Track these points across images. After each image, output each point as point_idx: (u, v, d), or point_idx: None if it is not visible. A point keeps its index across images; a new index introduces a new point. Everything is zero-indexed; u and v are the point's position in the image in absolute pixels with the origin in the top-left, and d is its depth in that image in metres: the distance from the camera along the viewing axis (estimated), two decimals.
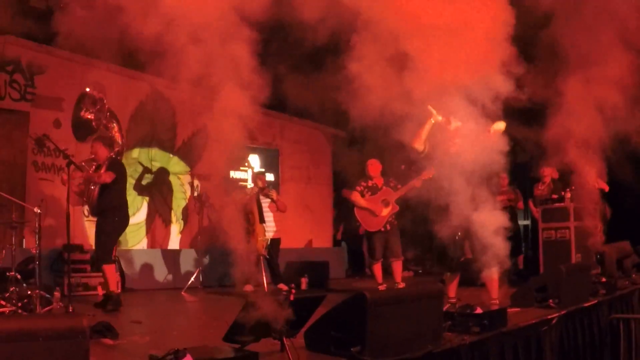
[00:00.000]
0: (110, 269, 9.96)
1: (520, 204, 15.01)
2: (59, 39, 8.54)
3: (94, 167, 10.12)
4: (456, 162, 8.69)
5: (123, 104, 13.68)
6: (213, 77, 5.87)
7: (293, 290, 5.23)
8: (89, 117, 10.29)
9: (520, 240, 15.63)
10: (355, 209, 12.23)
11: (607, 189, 13.07)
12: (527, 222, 15.76)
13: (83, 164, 9.97)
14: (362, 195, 12.18)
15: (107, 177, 9.96)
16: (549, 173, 14.37)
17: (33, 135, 13.07)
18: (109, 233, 10.05)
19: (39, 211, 9.02)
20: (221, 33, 5.89)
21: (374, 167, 12.44)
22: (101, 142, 10.22)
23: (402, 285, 11.80)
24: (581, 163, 11.14)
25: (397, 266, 12.26)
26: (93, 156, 10.23)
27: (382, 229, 12.06)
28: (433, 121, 8.62)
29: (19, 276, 9.12)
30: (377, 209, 12.04)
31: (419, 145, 8.70)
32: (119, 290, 10.34)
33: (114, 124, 10.74)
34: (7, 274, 9.05)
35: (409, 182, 11.89)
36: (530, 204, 14.82)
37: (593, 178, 13.30)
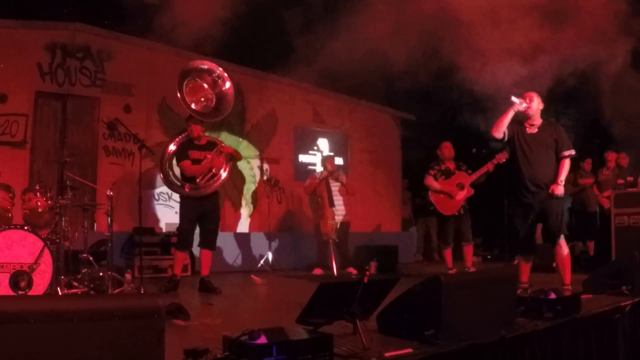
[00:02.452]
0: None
1: (595, 189, 14.79)
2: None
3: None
4: (529, 145, 8.67)
5: None
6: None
7: (367, 272, 5.19)
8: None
9: (592, 225, 15.42)
10: (430, 192, 12.16)
11: None
12: (596, 209, 15.48)
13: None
14: (436, 179, 12.11)
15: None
16: (612, 158, 14.15)
17: (105, 120, 13.20)
18: None
19: (111, 194, 9.10)
20: None
21: (448, 149, 12.38)
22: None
23: (472, 270, 11.71)
24: None
25: (469, 251, 12.22)
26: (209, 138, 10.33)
27: (456, 213, 11.99)
28: (515, 110, 8.56)
29: (91, 258, 9.26)
30: (453, 192, 11.97)
31: (499, 134, 8.63)
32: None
33: None
34: (80, 256, 9.17)
35: (483, 166, 11.79)
36: (595, 189, 14.60)
37: None
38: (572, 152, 8.77)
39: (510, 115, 8.61)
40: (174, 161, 10.13)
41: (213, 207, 10.00)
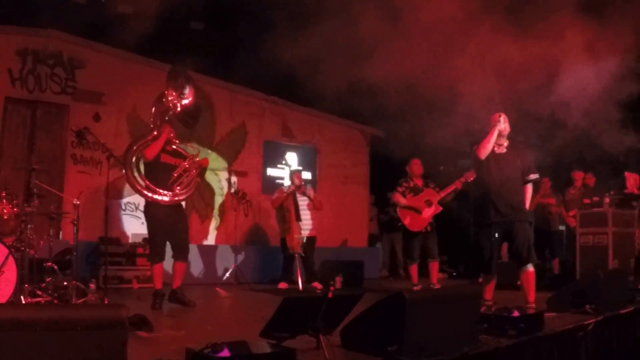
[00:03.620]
0: None
1: (560, 209, 14.91)
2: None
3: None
4: (499, 165, 8.71)
5: None
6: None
7: (332, 287, 5.21)
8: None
9: (554, 244, 15.55)
10: (398, 209, 12.23)
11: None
12: (562, 228, 15.62)
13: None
14: (404, 196, 12.18)
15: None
16: (579, 177, 14.29)
17: (74, 128, 13.15)
18: None
19: (77, 202, 9.07)
20: None
21: (417, 166, 12.46)
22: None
23: (437, 286, 11.77)
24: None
25: (434, 267, 12.29)
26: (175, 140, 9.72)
27: (423, 230, 12.06)
28: (498, 129, 8.61)
29: (55, 267, 9.18)
30: (421, 208, 12.04)
31: (485, 154, 8.66)
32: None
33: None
34: (45, 264, 9.10)
35: (451, 185, 11.88)
36: (562, 209, 14.72)
37: (632, 184, 13.23)
38: (537, 175, 8.90)
39: (496, 134, 8.65)
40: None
41: (182, 216, 9.68)
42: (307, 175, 16.93)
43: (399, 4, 8.65)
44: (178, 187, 9.35)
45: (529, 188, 8.88)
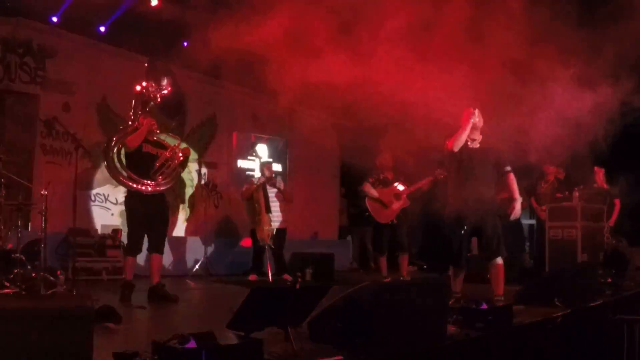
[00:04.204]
0: None
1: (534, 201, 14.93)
2: None
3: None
4: (471, 160, 8.69)
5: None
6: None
7: (299, 279, 5.22)
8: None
9: (524, 237, 15.62)
10: (366, 199, 12.33)
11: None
12: (533, 222, 15.66)
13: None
14: (374, 187, 12.24)
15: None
16: (552, 171, 14.33)
17: (42, 118, 13.06)
18: None
19: (45, 193, 9.02)
20: None
21: (386, 158, 12.46)
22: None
23: (407, 279, 11.81)
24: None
25: (404, 260, 12.35)
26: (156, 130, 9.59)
27: (391, 222, 12.11)
28: (472, 122, 8.57)
29: (23, 258, 9.10)
30: (389, 201, 12.09)
31: (458, 147, 8.62)
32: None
33: None
34: (12, 255, 9.03)
35: (422, 179, 11.94)
36: (533, 201, 14.71)
37: (601, 178, 13.32)
38: (509, 168, 8.83)
39: (469, 128, 8.60)
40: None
41: (162, 207, 9.53)
42: (277, 167, 16.88)
43: None
44: (160, 177, 9.23)
45: (511, 178, 8.78)
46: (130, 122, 9.51)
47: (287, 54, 8.58)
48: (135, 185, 9.10)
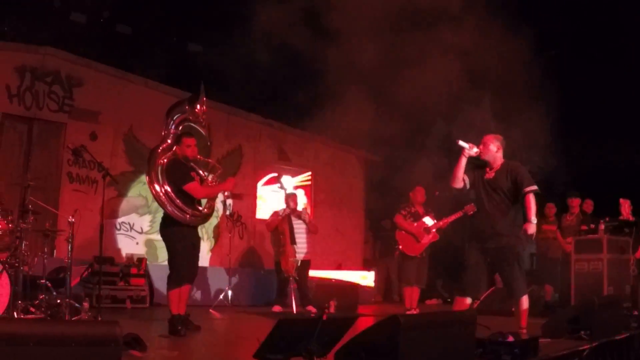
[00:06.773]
0: None
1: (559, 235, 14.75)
2: None
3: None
4: (487, 191, 8.52)
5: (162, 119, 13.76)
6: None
7: (327, 310, 5.20)
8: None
9: (553, 271, 15.50)
10: (396, 231, 12.38)
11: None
12: (557, 255, 15.54)
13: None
14: (405, 220, 12.33)
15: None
16: (577, 204, 14.25)
17: (70, 146, 13.12)
18: None
19: (72, 220, 9.04)
20: None
21: (421, 194, 12.63)
22: None
23: (416, 311, 11.85)
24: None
25: (417, 293, 12.47)
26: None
27: (419, 256, 12.17)
28: (467, 156, 8.40)
29: (49, 284, 9.15)
30: (419, 234, 12.17)
31: (457, 184, 8.48)
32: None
33: None
34: (38, 281, 9.07)
35: (451, 216, 11.95)
36: (558, 235, 14.59)
37: (627, 209, 13.24)
38: (534, 187, 8.27)
39: (462, 163, 8.36)
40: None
41: (198, 238, 9.15)
42: (302, 198, 16.89)
43: None
44: (204, 208, 9.11)
45: (530, 200, 8.25)
46: (168, 140, 9.29)
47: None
48: (184, 215, 8.71)
